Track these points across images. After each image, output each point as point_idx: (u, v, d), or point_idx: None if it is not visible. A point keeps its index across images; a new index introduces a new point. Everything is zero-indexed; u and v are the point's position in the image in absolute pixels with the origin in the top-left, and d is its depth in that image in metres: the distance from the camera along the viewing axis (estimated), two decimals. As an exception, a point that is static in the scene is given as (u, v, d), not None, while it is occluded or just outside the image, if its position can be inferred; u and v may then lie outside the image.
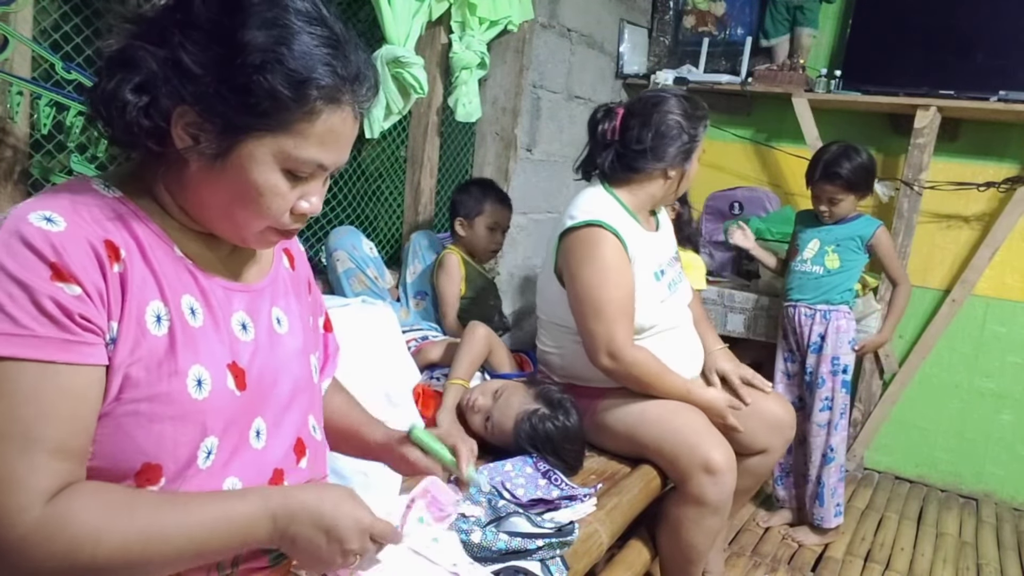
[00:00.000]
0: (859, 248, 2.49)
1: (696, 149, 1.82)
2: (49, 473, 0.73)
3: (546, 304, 1.90)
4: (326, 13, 0.82)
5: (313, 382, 1.02)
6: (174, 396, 0.81)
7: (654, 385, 1.75)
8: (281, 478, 0.94)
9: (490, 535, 1.22)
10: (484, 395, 1.71)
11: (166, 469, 0.81)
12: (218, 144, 0.79)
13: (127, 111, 0.78)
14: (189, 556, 0.78)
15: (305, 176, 0.84)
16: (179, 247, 0.86)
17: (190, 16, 0.78)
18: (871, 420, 3.22)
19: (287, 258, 1.05)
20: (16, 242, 0.74)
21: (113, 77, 0.79)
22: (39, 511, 0.72)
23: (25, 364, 0.72)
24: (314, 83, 0.78)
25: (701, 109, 1.83)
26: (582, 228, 1.73)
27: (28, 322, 0.73)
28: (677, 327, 1.89)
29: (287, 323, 0.99)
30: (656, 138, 1.75)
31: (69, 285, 0.74)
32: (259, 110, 0.78)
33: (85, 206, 0.80)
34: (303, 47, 0.78)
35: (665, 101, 1.78)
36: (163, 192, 0.86)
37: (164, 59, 0.77)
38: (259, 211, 0.83)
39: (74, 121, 1.43)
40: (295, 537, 0.82)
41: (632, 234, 1.77)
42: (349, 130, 0.85)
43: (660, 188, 1.82)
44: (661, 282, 1.84)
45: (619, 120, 1.79)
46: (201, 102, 0.77)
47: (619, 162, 1.80)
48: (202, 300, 0.87)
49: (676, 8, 3.49)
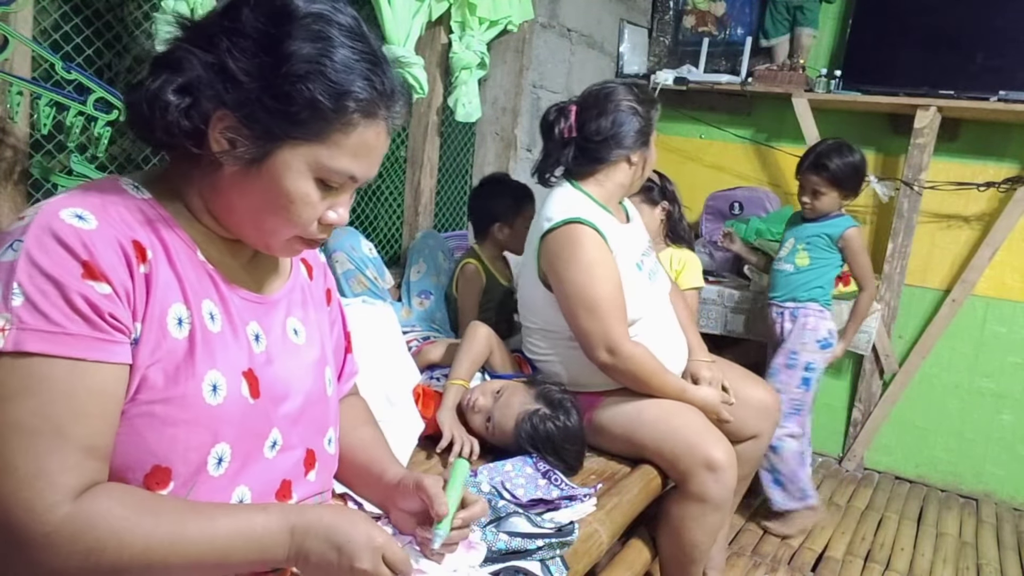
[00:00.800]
0: (829, 246, 2.49)
1: (652, 132, 1.86)
2: (78, 471, 0.74)
3: (532, 311, 1.89)
4: (367, 30, 0.84)
5: (327, 395, 1.01)
6: (189, 400, 0.81)
7: (651, 382, 1.75)
8: (289, 489, 0.94)
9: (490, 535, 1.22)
10: (485, 395, 1.71)
11: (176, 473, 0.81)
12: (254, 150, 0.80)
13: (169, 111, 0.79)
14: (209, 564, 0.78)
15: (336, 187, 0.85)
16: (202, 251, 0.87)
17: (238, 24, 0.80)
18: (871, 420, 3.22)
19: (305, 268, 1.06)
20: (49, 238, 0.74)
21: (158, 77, 0.80)
22: (67, 509, 0.72)
23: (56, 361, 0.73)
24: (353, 96, 0.80)
25: (650, 95, 1.88)
26: (561, 227, 1.74)
27: (60, 319, 0.73)
28: (661, 317, 1.90)
29: (304, 334, 0.99)
30: (615, 126, 1.79)
31: (100, 284, 0.75)
32: (298, 119, 0.79)
33: (114, 206, 0.81)
34: (345, 61, 0.80)
35: (615, 91, 1.81)
36: (194, 196, 0.87)
37: (210, 63, 0.79)
38: (288, 219, 0.84)
39: (74, 121, 1.43)
40: (309, 552, 0.81)
41: (609, 227, 1.78)
42: (382, 144, 0.87)
43: (626, 175, 1.85)
44: (642, 272, 1.86)
45: (574, 116, 1.82)
46: (242, 108, 0.79)
47: (583, 156, 1.83)
48: (221, 306, 0.87)
49: (676, 8, 3.49)
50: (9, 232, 0.77)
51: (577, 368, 1.82)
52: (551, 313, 1.81)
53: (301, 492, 0.96)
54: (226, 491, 0.86)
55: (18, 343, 0.71)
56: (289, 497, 0.94)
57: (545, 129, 1.88)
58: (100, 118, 1.45)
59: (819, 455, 3.37)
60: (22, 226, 0.76)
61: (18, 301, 0.72)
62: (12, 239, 0.75)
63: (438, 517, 0.95)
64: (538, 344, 1.91)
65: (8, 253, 0.74)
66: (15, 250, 0.74)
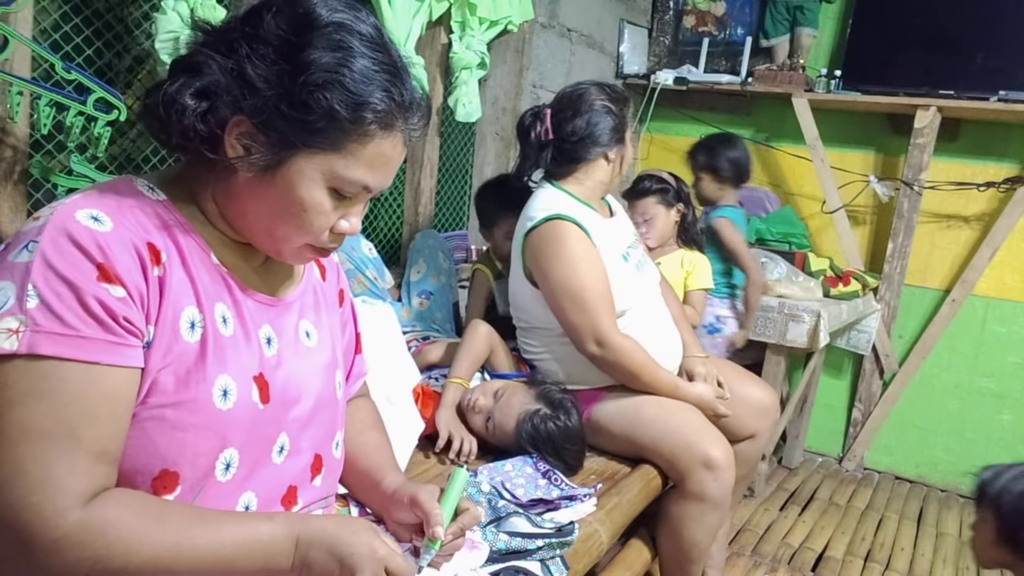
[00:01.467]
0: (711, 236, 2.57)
1: (627, 128, 1.90)
2: (88, 476, 0.73)
3: (523, 310, 1.92)
4: (387, 40, 0.84)
5: (336, 398, 1.01)
6: (199, 404, 0.81)
7: (641, 375, 1.76)
8: (294, 495, 0.93)
9: (490, 535, 1.22)
10: (485, 395, 1.71)
11: (183, 477, 0.81)
12: (269, 157, 0.80)
13: (186, 115, 0.79)
14: (215, 573, 0.78)
15: (349, 196, 0.85)
16: (216, 255, 0.87)
17: (259, 30, 0.79)
18: (871, 420, 3.22)
19: (318, 269, 1.05)
20: (64, 240, 0.74)
21: (176, 80, 0.80)
22: (77, 515, 0.72)
23: (70, 364, 0.73)
24: (371, 107, 0.80)
25: (622, 93, 1.91)
26: (543, 224, 1.76)
27: (74, 322, 0.73)
28: (651, 308, 1.91)
29: (316, 336, 0.99)
30: (590, 125, 1.82)
31: (114, 286, 0.75)
32: (315, 128, 0.79)
33: (130, 208, 0.80)
34: (364, 71, 0.80)
35: (587, 91, 1.85)
36: (208, 200, 0.87)
37: (229, 69, 0.79)
38: (301, 226, 0.84)
39: (74, 121, 1.43)
40: (312, 563, 0.81)
41: (591, 222, 1.80)
42: (398, 156, 0.86)
43: (605, 172, 1.89)
44: (629, 263, 1.88)
45: (549, 119, 1.86)
46: (259, 114, 0.79)
47: (561, 157, 1.86)
48: (234, 310, 0.87)
49: (676, 8, 3.49)
50: (24, 232, 0.76)
51: (571, 364, 1.83)
52: (540, 310, 1.83)
53: (307, 497, 0.96)
54: (232, 496, 0.86)
55: (32, 346, 0.71)
56: (295, 502, 0.94)
57: (522, 133, 1.92)
58: (100, 118, 1.45)
59: (819, 455, 3.37)
60: (37, 226, 0.75)
61: (33, 303, 0.72)
62: (28, 240, 0.75)
63: (432, 538, 0.94)
64: (531, 342, 1.93)
65: (23, 254, 0.74)
66: (30, 251, 0.74)
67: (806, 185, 3.32)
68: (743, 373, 2.10)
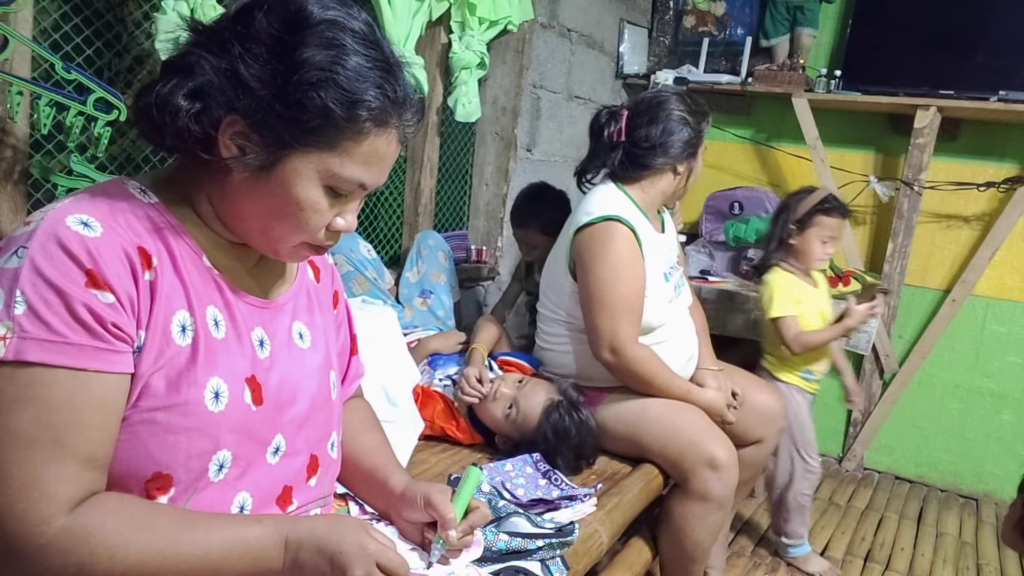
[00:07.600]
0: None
1: (701, 144, 1.86)
2: (75, 482, 0.73)
3: (554, 301, 1.91)
4: (380, 36, 0.83)
5: (331, 399, 1.01)
6: (191, 407, 0.80)
7: (654, 383, 1.76)
8: (290, 495, 0.93)
9: (490, 535, 1.22)
10: (508, 385, 1.75)
11: (177, 479, 0.81)
12: (264, 156, 0.80)
13: (179, 116, 0.78)
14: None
15: (345, 194, 0.85)
16: (208, 257, 0.86)
17: (251, 29, 0.79)
18: (871, 420, 3.22)
19: (312, 270, 1.05)
20: (54, 246, 0.74)
21: (169, 81, 0.79)
22: (62, 521, 0.72)
23: (58, 371, 0.72)
24: (365, 104, 0.79)
25: (702, 106, 1.88)
26: (599, 223, 1.75)
27: (62, 329, 0.72)
28: (681, 328, 1.91)
29: (310, 338, 0.98)
30: (664, 134, 1.80)
31: (103, 292, 0.74)
32: (309, 126, 0.78)
33: (121, 212, 0.80)
34: (357, 69, 0.79)
35: (668, 100, 1.83)
36: (203, 200, 0.86)
37: (222, 69, 0.78)
38: (297, 225, 0.84)
39: (74, 121, 1.43)
40: (303, 564, 0.81)
41: (645, 231, 1.79)
42: (392, 153, 0.86)
43: (670, 184, 1.86)
44: (669, 283, 1.87)
45: (625, 121, 1.83)
46: (253, 114, 0.78)
47: (629, 161, 1.84)
48: (226, 312, 0.87)
49: (676, 8, 3.49)
50: (15, 237, 0.76)
51: (585, 361, 1.84)
52: (573, 304, 1.83)
53: (302, 498, 0.95)
54: (227, 497, 0.86)
55: (19, 352, 0.71)
56: (290, 503, 0.94)
57: (595, 131, 1.89)
58: (100, 118, 1.45)
59: (819, 455, 3.36)
60: (27, 232, 0.75)
61: (20, 309, 0.71)
62: (17, 245, 0.74)
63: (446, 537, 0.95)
64: (552, 333, 1.92)
65: (12, 260, 0.73)
66: (20, 257, 0.73)
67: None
68: (751, 379, 2.09)
